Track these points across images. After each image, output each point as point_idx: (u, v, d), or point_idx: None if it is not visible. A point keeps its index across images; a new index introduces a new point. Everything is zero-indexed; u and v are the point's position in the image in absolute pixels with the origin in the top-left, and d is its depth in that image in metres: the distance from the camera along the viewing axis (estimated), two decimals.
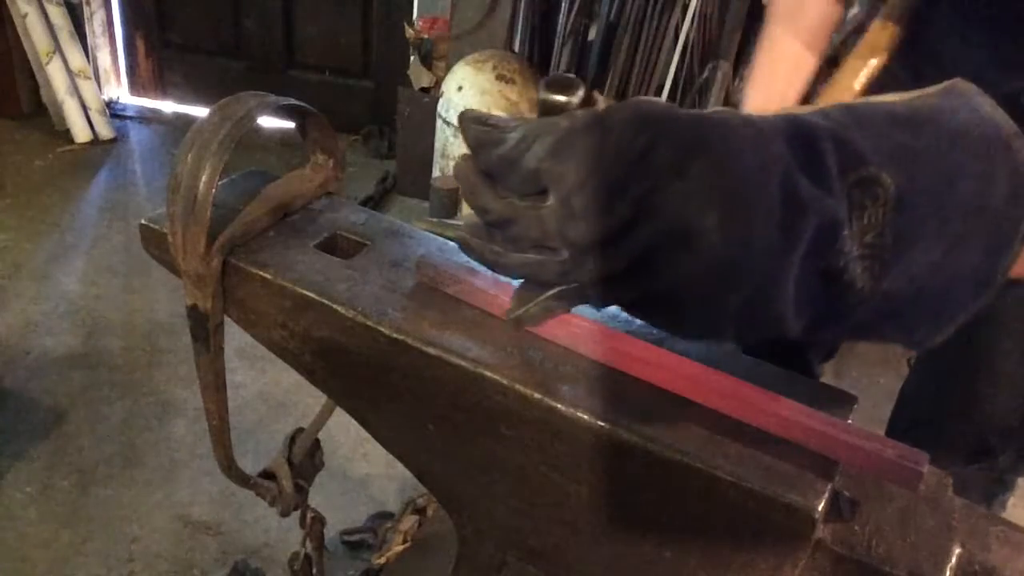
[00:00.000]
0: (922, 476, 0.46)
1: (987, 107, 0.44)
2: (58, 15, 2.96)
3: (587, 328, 0.54)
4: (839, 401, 0.53)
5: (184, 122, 3.34)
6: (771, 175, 0.40)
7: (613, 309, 0.59)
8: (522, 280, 0.50)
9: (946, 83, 0.45)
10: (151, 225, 0.63)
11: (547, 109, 0.43)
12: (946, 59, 0.88)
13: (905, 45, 0.91)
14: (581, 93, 0.42)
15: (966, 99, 0.44)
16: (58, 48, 2.99)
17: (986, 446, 0.97)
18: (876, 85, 0.93)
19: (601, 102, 0.43)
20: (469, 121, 0.45)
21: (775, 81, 1.00)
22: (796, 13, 0.99)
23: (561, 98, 0.42)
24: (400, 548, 1.40)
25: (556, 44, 2.85)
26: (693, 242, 0.39)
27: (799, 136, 0.41)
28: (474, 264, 0.62)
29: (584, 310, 0.59)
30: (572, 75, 0.44)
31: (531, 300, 0.48)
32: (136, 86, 3.46)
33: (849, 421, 0.51)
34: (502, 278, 0.60)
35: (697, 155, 0.39)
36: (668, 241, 0.40)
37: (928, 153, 0.42)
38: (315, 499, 0.88)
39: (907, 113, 0.43)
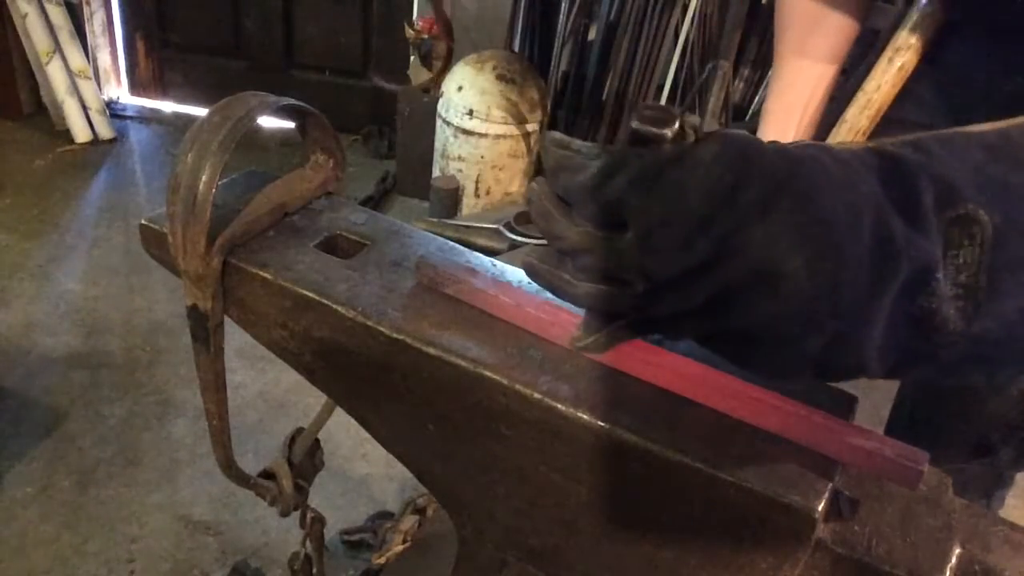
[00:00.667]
0: (922, 475, 0.46)
1: None
2: (58, 15, 2.96)
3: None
4: (839, 401, 0.53)
5: (184, 122, 3.34)
6: (863, 216, 0.38)
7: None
8: (587, 314, 0.49)
9: None
10: (151, 225, 0.63)
11: (637, 140, 0.40)
12: (970, 74, 0.87)
13: (926, 59, 0.89)
14: (676, 127, 0.39)
15: None
16: (58, 48, 2.99)
17: (987, 443, 0.97)
18: (898, 100, 0.93)
19: (691, 133, 0.41)
20: (552, 144, 0.43)
21: (792, 115, 0.98)
22: (811, 37, 0.96)
23: (655, 130, 0.39)
24: (400, 548, 1.40)
25: (556, 44, 2.85)
26: (776, 284, 0.38)
27: (892, 172, 0.40)
28: (475, 264, 0.62)
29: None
30: (669, 106, 0.43)
31: (599, 329, 0.47)
32: (136, 86, 3.47)
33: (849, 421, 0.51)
34: (502, 278, 0.60)
35: (784, 195, 0.38)
36: (750, 282, 0.38)
37: (1022, 185, 0.40)
38: (315, 499, 0.88)
39: (1002, 144, 0.42)
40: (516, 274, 0.61)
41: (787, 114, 0.99)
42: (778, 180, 0.38)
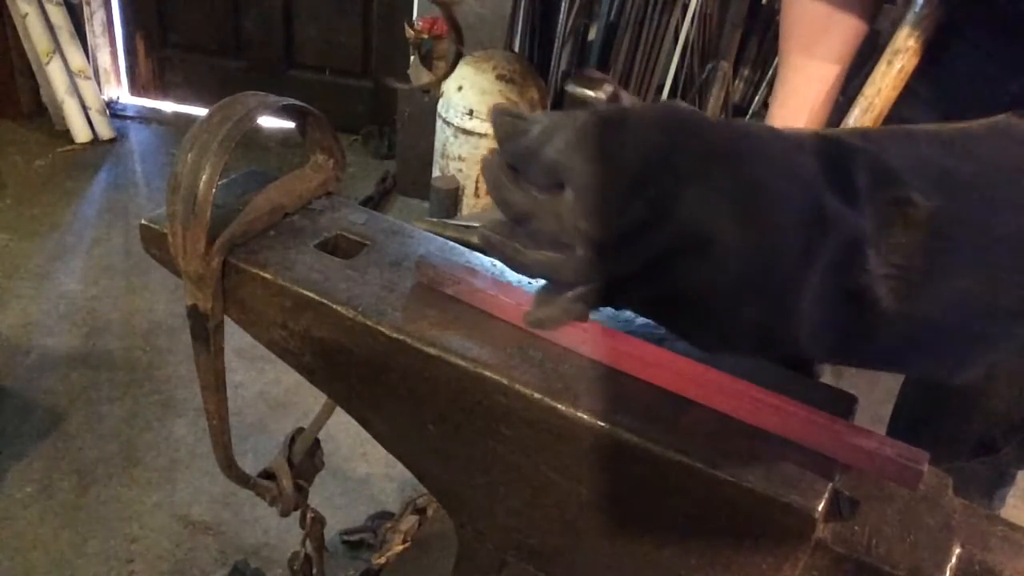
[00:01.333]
0: (922, 475, 0.46)
1: None
2: (58, 15, 2.96)
3: (587, 328, 0.54)
4: (839, 401, 0.53)
5: (184, 122, 3.34)
6: (794, 187, 0.39)
7: (612, 309, 0.59)
8: (540, 285, 0.49)
9: (999, 116, 0.44)
10: (151, 225, 0.63)
11: (573, 103, 0.43)
12: (972, 75, 0.87)
13: (925, 60, 0.90)
14: (609, 89, 0.42)
15: (1019, 131, 0.43)
16: (58, 48, 2.99)
17: (989, 441, 0.96)
18: (899, 101, 0.93)
19: (626, 99, 0.42)
20: (498, 114, 0.44)
21: (798, 119, 0.97)
22: (819, 40, 0.95)
23: (588, 92, 0.42)
24: (400, 548, 1.40)
25: (556, 44, 2.85)
26: (708, 248, 0.38)
27: (831, 152, 0.41)
28: (475, 264, 0.62)
29: None
30: (602, 73, 0.44)
31: (550, 302, 0.47)
32: (136, 86, 3.46)
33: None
34: (502, 278, 0.60)
35: (719, 161, 0.38)
36: (683, 245, 0.39)
37: (973, 181, 0.40)
38: (315, 499, 0.88)
39: (956, 139, 0.42)
40: (515, 274, 0.61)
41: (793, 118, 0.98)
42: (714, 147, 0.39)
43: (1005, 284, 0.40)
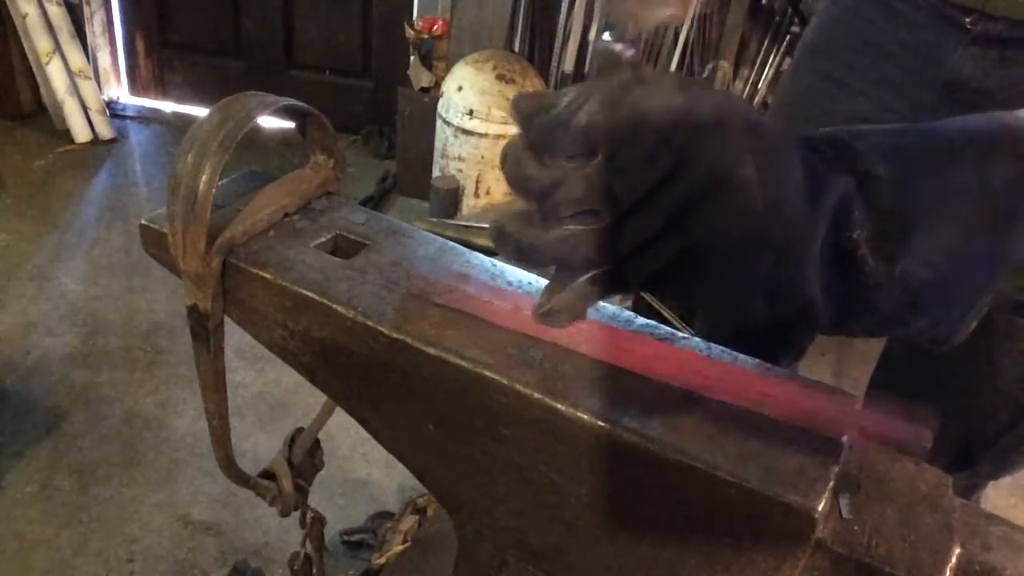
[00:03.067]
0: (929, 440, 0.47)
1: (984, 118, 0.46)
2: (58, 15, 2.96)
3: (587, 327, 0.54)
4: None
5: (184, 122, 3.34)
6: (792, 149, 0.43)
7: (613, 308, 0.59)
8: (549, 281, 0.49)
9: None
10: (151, 225, 0.63)
11: (601, 56, 0.45)
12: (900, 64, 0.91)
13: (850, 51, 0.96)
14: (633, 51, 0.44)
15: (967, 117, 0.47)
16: (58, 48, 2.99)
17: (966, 455, 0.96)
18: (832, 96, 0.98)
19: (648, 71, 0.44)
20: (521, 97, 0.45)
21: None
22: None
23: (618, 45, 0.44)
24: (400, 548, 1.40)
25: (556, 44, 2.85)
26: (729, 190, 0.41)
27: (803, 141, 0.45)
28: (467, 269, 0.62)
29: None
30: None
31: (561, 290, 0.47)
32: (136, 86, 3.46)
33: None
34: (496, 283, 0.60)
35: (734, 115, 0.41)
36: (706, 190, 0.41)
37: (922, 149, 0.44)
38: (315, 499, 0.88)
39: (900, 128, 0.47)
40: (514, 274, 0.61)
41: None
42: (728, 105, 0.42)
43: (973, 231, 0.44)
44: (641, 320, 0.59)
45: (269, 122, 2.88)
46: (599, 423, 0.49)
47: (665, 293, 0.47)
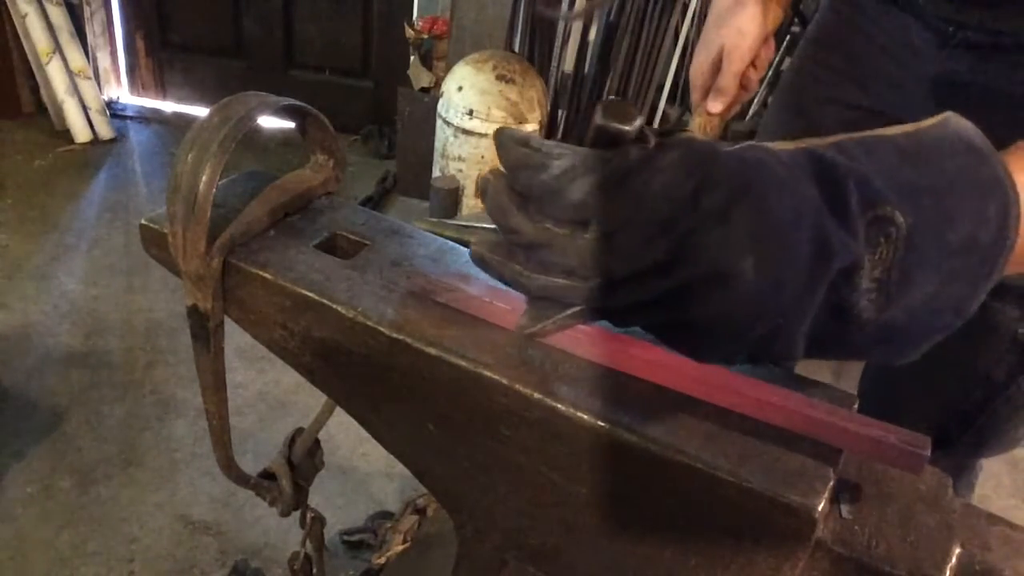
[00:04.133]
0: (925, 459, 0.47)
1: (979, 141, 0.46)
2: (58, 15, 2.96)
3: (586, 331, 0.54)
4: (839, 401, 0.53)
5: (184, 122, 3.34)
6: (803, 219, 0.41)
7: None
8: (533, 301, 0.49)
9: (940, 116, 0.47)
10: (151, 225, 0.63)
11: (600, 135, 0.42)
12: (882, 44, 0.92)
13: (836, 30, 0.98)
14: (638, 123, 0.41)
15: (962, 134, 0.46)
16: (58, 48, 2.99)
17: (944, 434, 0.97)
18: (810, 73, 1.00)
19: (651, 137, 0.42)
20: (509, 141, 0.44)
21: None
22: None
23: (620, 127, 0.42)
24: (400, 548, 1.40)
25: (556, 44, 2.85)
26: (729, 283, 0.40)
27: (824, 175, 0.43)
28: (468, 271, 0.62)
29: None
30: (629, 103, 0.44)
31: (546, 317, 0.47)
32: (136, 86, 3.46)
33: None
34: (497, 284, 0.60)
35: (740, 201, 0.40)
36: (705, 280, 0.40)
37: (932, 192, 0.43)
38: (315, 499, 0.88)
39: (912, 148, 0.45)
40: None
41: None
42: (736, 186, 0.40)
43: (955, 285, 0.44)
44: None
45: (269, 122, 2.88)
46: (599, 423, 0.49)
47: (651, 333, 0.46)
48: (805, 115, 1.05)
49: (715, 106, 1.02)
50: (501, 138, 0.44)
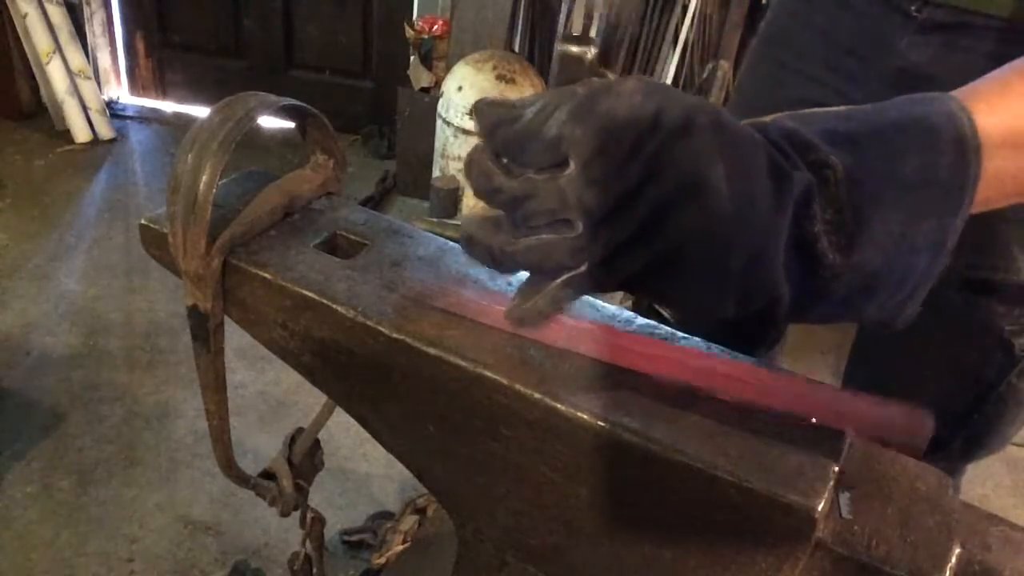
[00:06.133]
0: (928, 435, 0.47)
1: (925, 96, 0.47)
2: (58, 15, 2.96)
3: (585, 328, 0.54)
4: None
5: (184, 122, 3.34)
6: (758, 146, 0.43)
7: (613, 308, 0.59)
8: (523, 282, 0.49)
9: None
10: (151, 225, 0.63)
11: (564, 61, 0.45)
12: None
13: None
14: (595, 49, 0.44)
15: (900, 99, 0.48)
16: (58, 48, 2.99)
17: (937, 437, 0.96)
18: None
19: (610, 75, 0.44)
20: (484, 105, 0.45)
21: None
22: None
23: (577, 49, 0.44)
24: (400, 548, 1.40)
25: (556, 44, 2.85)
26: (702, 195, 0.41)
27: (756, 125, 0.46)
28: (465, 272, 0.62)
29: (581, 311, 0.59)
30: (587, 35, 0.46)
31: (536, 293, 0.47)
32: (136, 86, 3.46)
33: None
34: (494, 284, 0.60)
35: (700, 116, 0.42)
36: (678, 196, 0.41)
37: (869, 138, 0.45)
38: (315, 499, 0.88)
39: (847, 113, 0.47)
40: (510, 276, 0.61)
41: None
42: (693, 105, 0.42)
43: (920, 220, 0.45)
44: (641, 320, 0.59)
45: (269, 122, 2.88)
46: (599, 423, 0.49)
47: (639, 293, 0.47)
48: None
49: None
50: (477, 106, 0.45)
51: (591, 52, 0.53)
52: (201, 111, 2.97)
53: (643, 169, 0.41)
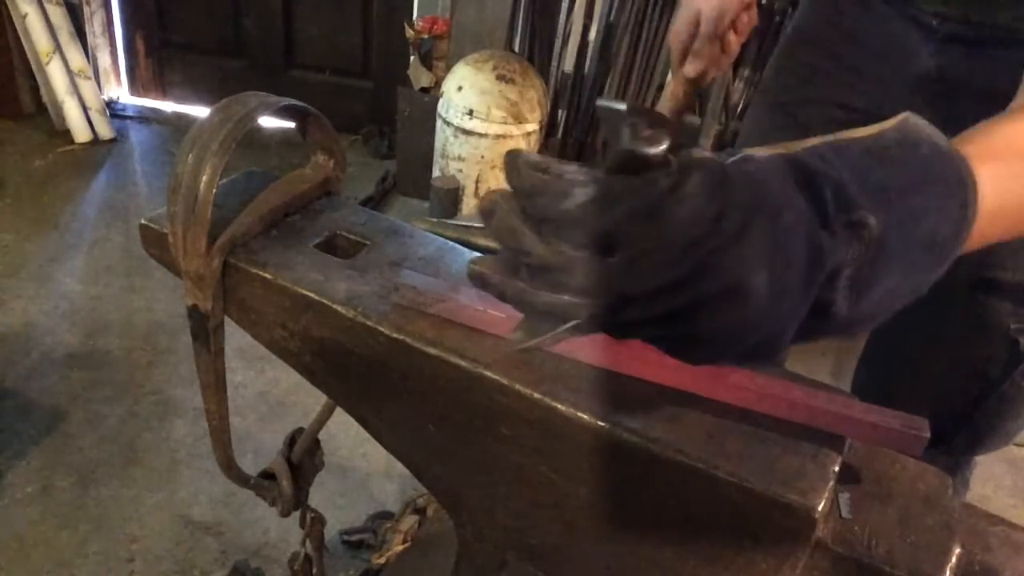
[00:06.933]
0: (925, 440, 0.47)
1: (940, 140, 0.47)
2: (58, 15, 2.96)
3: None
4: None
5: (184, 122, 3.33)
6: (800, 229, 0.42)
7: None
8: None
9: (900, 116, 0.49)
10: (151, 225, 0.63)
11: (626, 161, 0.41)
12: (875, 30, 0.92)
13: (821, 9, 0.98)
14: (668, 143, 0.41)
15: (922, 133, 0.48)
16: (58, 48, 2.99)
17: (940, 432, 0.97)
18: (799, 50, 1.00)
19: (672, 160, 0.42)
20: (524, 165, 0.43)
21: None
22: None
23: (647, 152, 0.41)
24: (400, 548, 1.40)
25: (556, 44, 2.85)
26: (742, 298, 0.41)
27: (805, 183, 0.44)
28: (460, 277, 0.62)
29: None
30: (657, 114, 0.43)
31: (542, 332, 0.46)
32: (136, 86, 3.46)
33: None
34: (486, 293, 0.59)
35: (754, 221, 0.41)
36: (720, 297, 0.41)
37: (900, 191, 0.45)
38: (315, 499, 0.88)
39: (878, 149, 0.47)
40: None
41: None
42: (750, 207, 0.41)
43: (915, 277, 0.46)
44: None
45: (269, 122, 2.88)
46: (599, 423, 0.49)
47: (646, 342, 0.47)
48: (789, 116, 1.05)
49: (690, 69, 1.00)
50: (514, 161, 0.43)
51: (663, 149, 0.50)
52: (201, 111, 2.97)
53: (692, 268, 0.40)
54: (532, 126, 2.52)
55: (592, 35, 2.82)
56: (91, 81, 3.10)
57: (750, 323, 0.42)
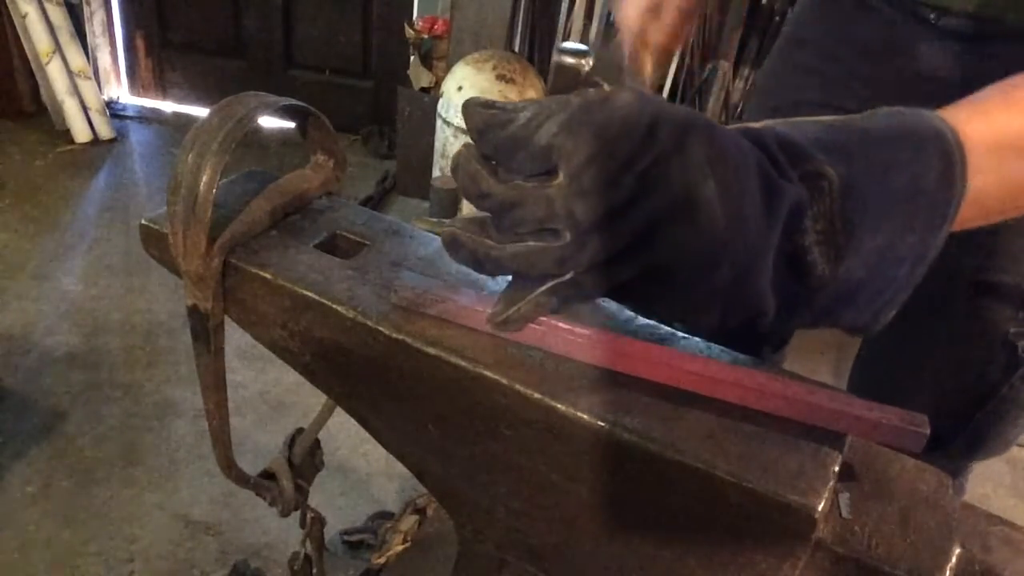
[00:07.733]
0: (925, 437, 0.47)
1: (911, 109, 0.48)
2: (58, 15, 2.96)
3: (584, 334, 0.54)
4: None
5: (184, 122, 3.34)
6: (750, 158, 0.43)
7: (613, 307, 0.59)
8: (508, 286, 0.49)
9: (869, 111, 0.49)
10: (151, 225, 0.63)
11: (559, 70, 0.44)
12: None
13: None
14: (591, 60, 0.43)
15: (888, 111, 0.48)
16: (58, 48, 2.99)
17: (939, 435, 0.96)
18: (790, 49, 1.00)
19: (605, 86, 0.44)
20: (475, 106, 0.45)
21: None
22: None
23: (573, 60, 0.44)
24: (400, 548, 1.40)
25: (556, 44, 2.85)
26: (694, 212, 0.41)
27: (754, 140, 0.45)
28: (458, 277, 0.62)
29: (581, 312, 0.59)
30: (583, 46, 0.46)
31: (520, 299, 0.47)
32: (136, 86, 3.47)
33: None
34: (485, 292, 0.59)
35: (694, 131, 0.41)
36: (670, 212, 0.41)
37: (861, 148, 0.45)
38: (315, 499, 0.88)
39: (839, 123, 0.47)
40: (506, 281, 0.61)
41: None
42: (687, 119, 0.42)
43: (905, 232, 0.45)
44: (642, 320, 0.59)
45: (269, 122, 2.88)
46: (599, 423, 0.49)
47: (624, 303, 0.47)
48: (781, 117, 1.04)
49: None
50: (467, 106, 0.45)
51: (587, 63, 0.54)
52: (201, 111, 2.97)
53: (636, 183, 0.41)
54: None
55: (592, 35, 2.82)
56: (91, 81, 3.10)
57: (710, 240, 0.41)
